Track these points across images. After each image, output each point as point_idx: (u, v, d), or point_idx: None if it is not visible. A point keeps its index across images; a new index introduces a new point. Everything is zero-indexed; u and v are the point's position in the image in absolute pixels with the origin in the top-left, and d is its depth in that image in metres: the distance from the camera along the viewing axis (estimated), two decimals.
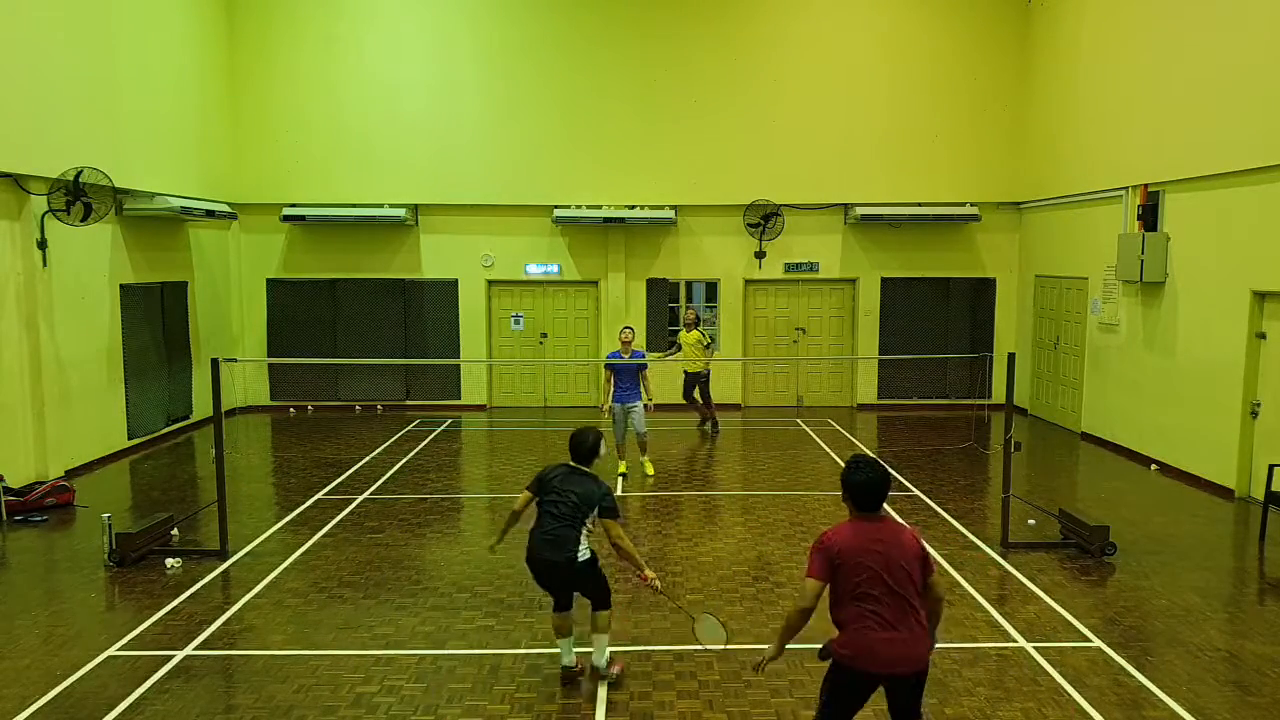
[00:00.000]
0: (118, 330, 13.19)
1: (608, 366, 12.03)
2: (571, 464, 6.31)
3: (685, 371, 15.01)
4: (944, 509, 10.57)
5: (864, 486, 4.48)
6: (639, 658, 6.74)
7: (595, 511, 6.13)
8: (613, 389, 11.99)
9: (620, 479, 11.83)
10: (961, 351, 16.78)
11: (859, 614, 4.35)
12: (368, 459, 13.17)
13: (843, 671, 4.43)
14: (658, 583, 6.18)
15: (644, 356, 12.40)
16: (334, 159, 16.56)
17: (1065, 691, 6.21)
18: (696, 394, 15.09)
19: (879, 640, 4.32)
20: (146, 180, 13.48)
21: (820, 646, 4.55)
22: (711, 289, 17.41)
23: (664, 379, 15.42)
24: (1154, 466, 12.48)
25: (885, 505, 4.56)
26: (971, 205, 16.66)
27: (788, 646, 4.62)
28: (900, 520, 4.41)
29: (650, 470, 12.24)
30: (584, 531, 6.14)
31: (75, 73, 11.95)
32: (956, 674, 6.42)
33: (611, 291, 17.07)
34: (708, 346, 14.86)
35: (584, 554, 6.11)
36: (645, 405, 11.99)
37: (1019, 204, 16.88)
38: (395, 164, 16.58)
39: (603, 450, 6.39)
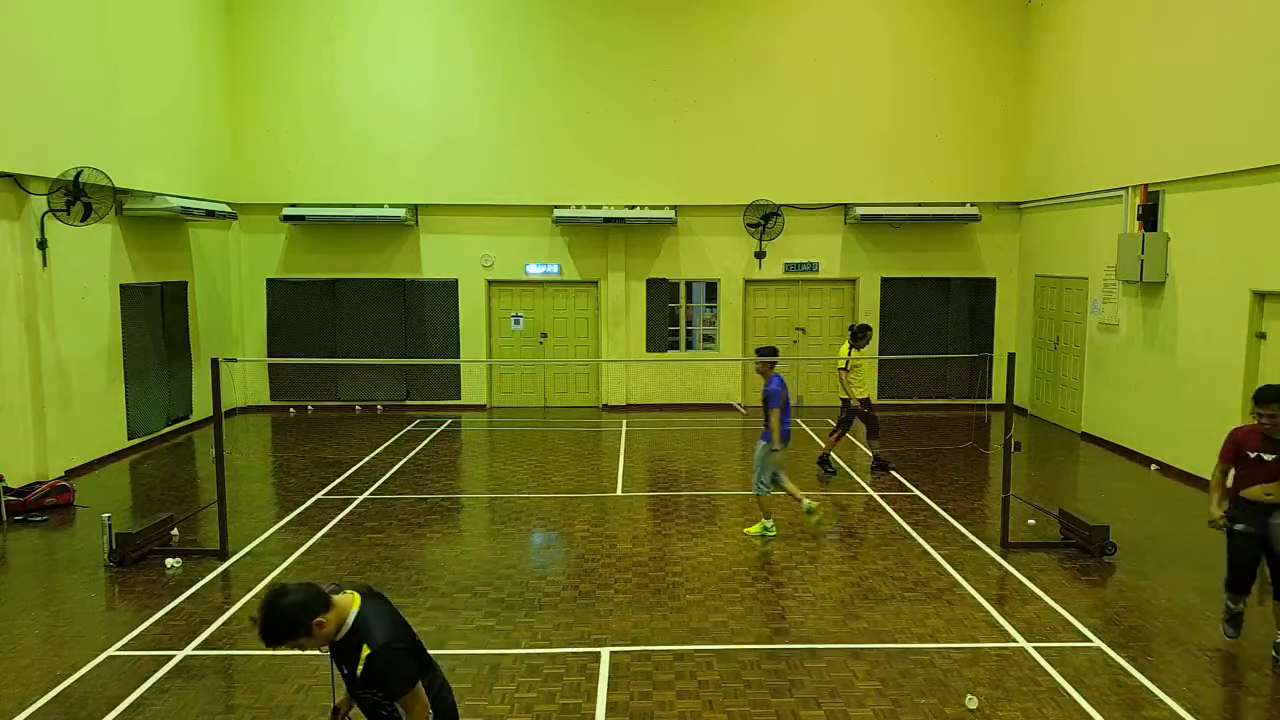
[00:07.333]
0: (118, 330, 13.19)
1: None
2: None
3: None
4: (944, 509, 10.57)
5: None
6: (639, 658, 6.75)
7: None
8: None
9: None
10: (961, 351, 16.77)
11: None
12: (368, 459, 13.17)
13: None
14: None
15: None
16: (334, 159, 16.55)
17: (1065, 691, 6.21)
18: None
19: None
20: (146, 180, 13.48)
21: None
22: (711, 289, 17.41)
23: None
24: (1154, 466, 12.48)
25: None
26: (971, 205, 16.66)
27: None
28: None
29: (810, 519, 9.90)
30: None
31: (75, 73, 11.95)
32: (956, 674, 6.42)
33: (611, 291, 17.07)
34: (845, 369, 12.22)
35: None
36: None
37: (1019, 204, 16.88)
38: (395, 164, 16.57)
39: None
